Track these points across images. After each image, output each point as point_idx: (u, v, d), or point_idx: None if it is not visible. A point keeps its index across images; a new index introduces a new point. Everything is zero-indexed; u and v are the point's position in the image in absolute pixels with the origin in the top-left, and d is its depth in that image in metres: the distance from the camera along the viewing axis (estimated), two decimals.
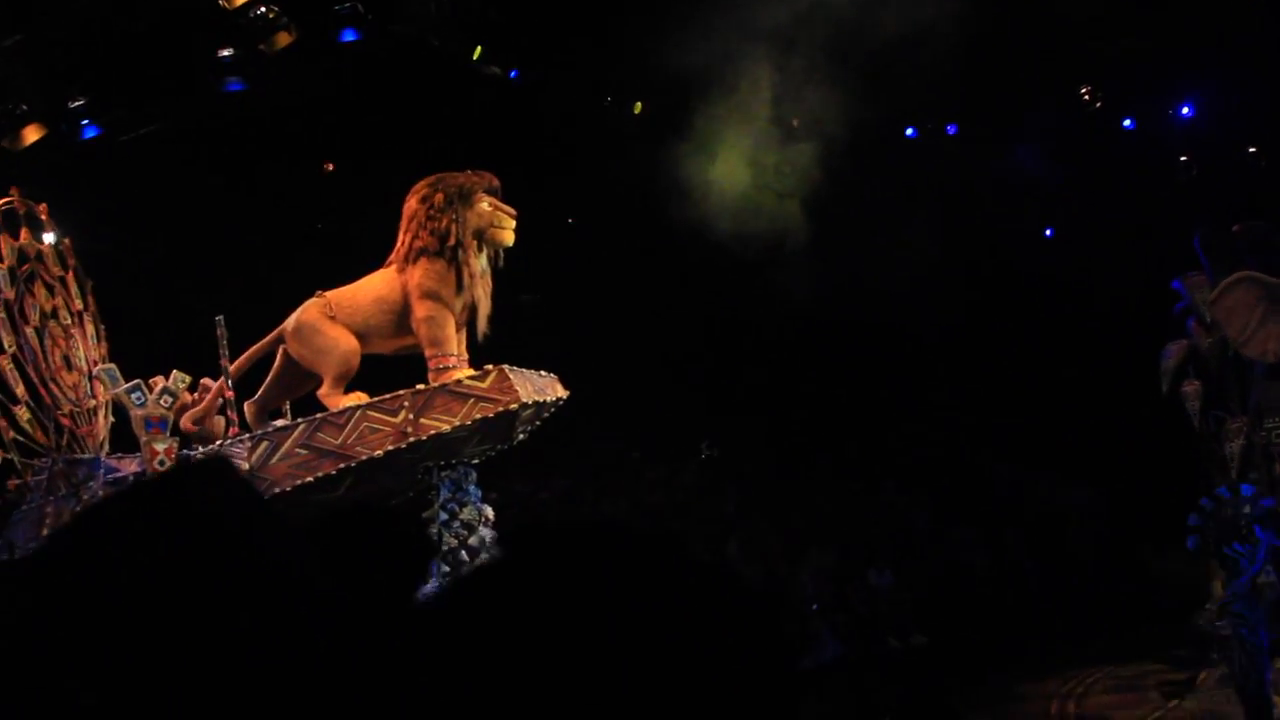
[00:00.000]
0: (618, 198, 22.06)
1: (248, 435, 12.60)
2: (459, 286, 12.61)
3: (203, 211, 20.35)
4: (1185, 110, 25.55)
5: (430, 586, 11.09)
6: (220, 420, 13.20)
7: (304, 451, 12.21)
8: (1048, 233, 28.82)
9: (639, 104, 21.88)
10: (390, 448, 12.16)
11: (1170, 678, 17.11)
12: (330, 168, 22.22)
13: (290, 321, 12.98)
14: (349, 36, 17.65)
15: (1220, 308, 24.76)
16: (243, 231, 20.69)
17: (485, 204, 12.71)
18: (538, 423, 13.11)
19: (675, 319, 25.01)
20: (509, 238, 12.81)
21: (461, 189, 12.69)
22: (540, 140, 20.83)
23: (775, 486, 24.85)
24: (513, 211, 12.85)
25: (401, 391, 12.41)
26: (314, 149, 22.11)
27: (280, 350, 13.15)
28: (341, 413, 12.30)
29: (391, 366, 13.39)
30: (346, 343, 12.65)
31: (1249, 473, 24.45)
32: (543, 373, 12.94)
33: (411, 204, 12.80)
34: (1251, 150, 25.69)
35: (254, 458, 12.24)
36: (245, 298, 15.48)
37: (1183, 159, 25.92)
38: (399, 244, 12.86)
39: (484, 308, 12.76)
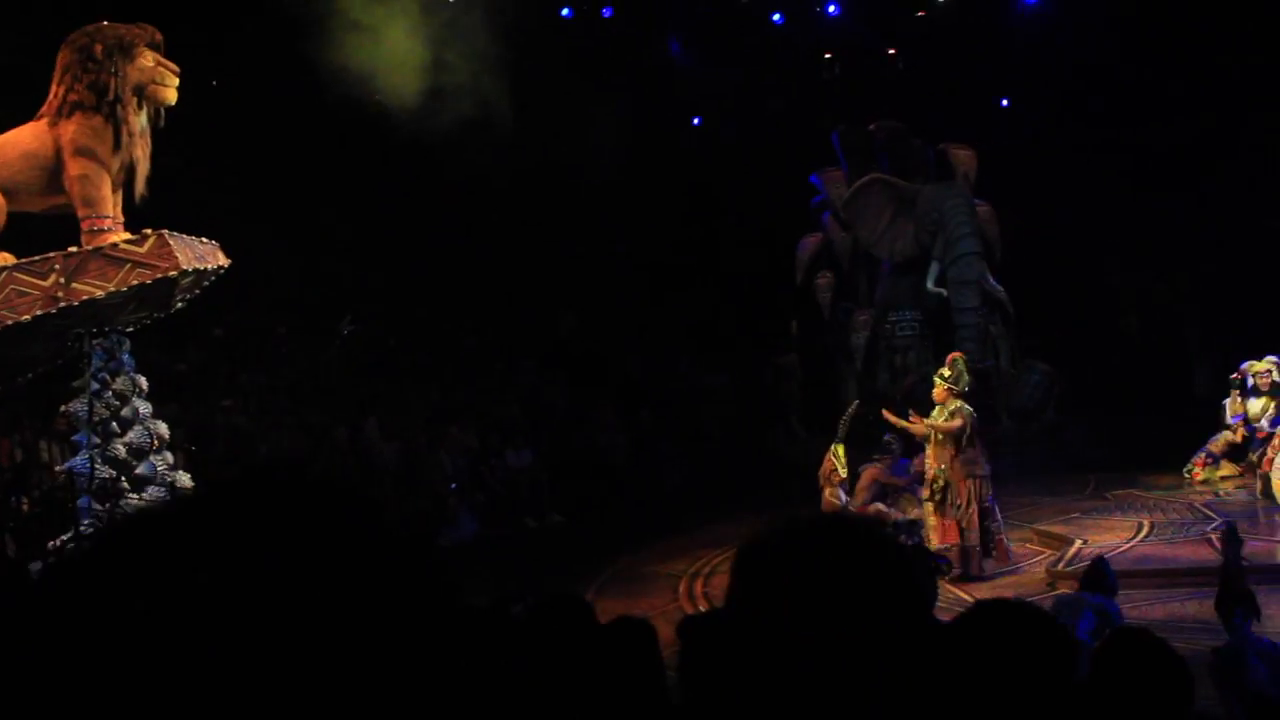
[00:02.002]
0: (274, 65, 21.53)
1: None
2: (116, 144, 12.04)
3: None
4: (831, 8, 26.50)
5: (80, 460, 10.76)
6: None
7: None
8: (695, 121, 29.56)
9: None
10: (39, 312, 11.59)
11: None
12: None
13: None
14: None
15: (853, 208, 26.07)
16: None
17: (148, 59, 12.15)
18: (197, 291, 12.74)
19: (330, 191, 24.70)
20: (171, 96, 12.30)
21: (122, 41, 12.09)
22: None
23: (418, 365, 24.92)
24: (176, 68, 12.30)
25: (52, 253, 11.85)
26: None
27: None
28: None
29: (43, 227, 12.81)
30: None
31: (873, 362, 26.01)
32: (204, 239, 12.53)
33: (67, 54, 12.12)
34: (891, 52, 26.87)
35: None
36: None
37: (827, 56, 26.92)
38: (51, 95, 12.16)
39: (142, 168, 12.24)
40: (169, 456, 12.50)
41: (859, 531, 2.02)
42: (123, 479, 12.09)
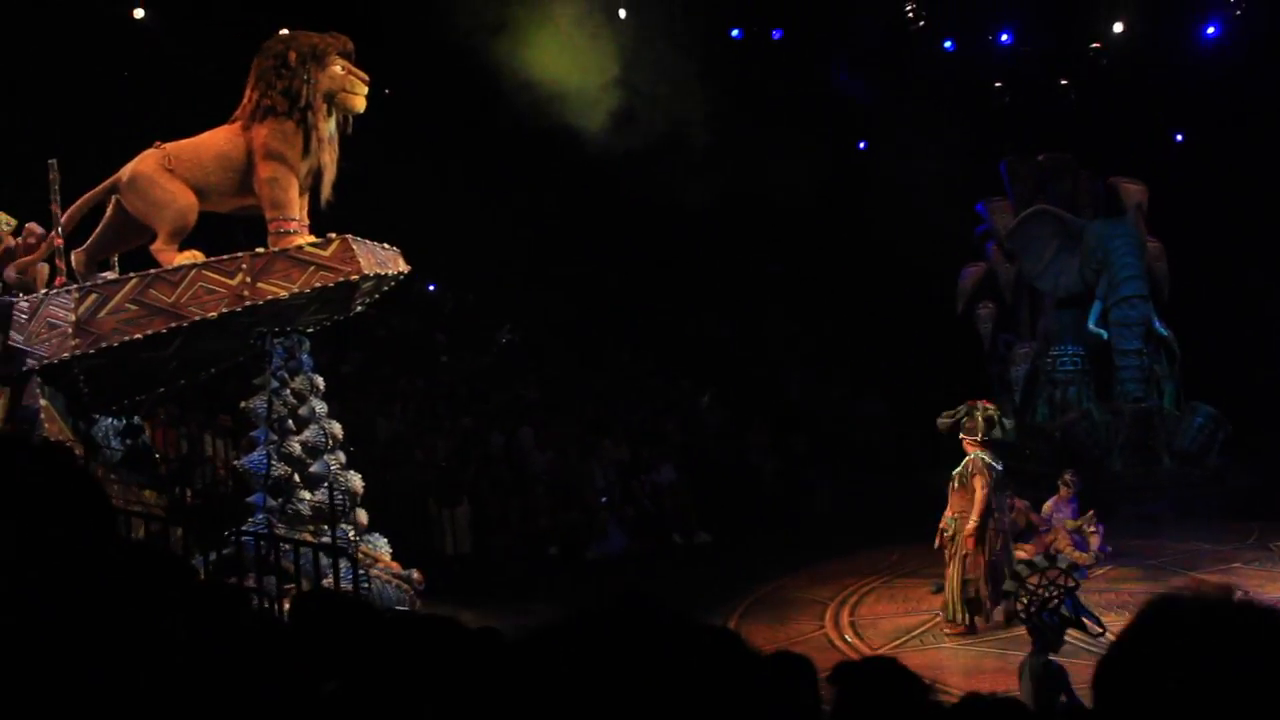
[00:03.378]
0: (446, 77, 22.04)
1: (75, 286, 12.30)
2: (305, 149, 12.42)
3: (40, 49, 19.79)
4: (1004, 37, 26.32)
5: (257, 455, 11.09)
6: (44, 268, 12.86)
7: (134, 307, 11.96)
8: (861, 145, 29.51)
9: None
10: (225, 310, 11.96)
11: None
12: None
13: (126, 171, 12.62)
14: None
15: (1018, 239, 25.85)
16: (80, 73, 20.16)
17: (338, 66, 12.51)
18: (376, 296, 13.08)
19: (499, 205, 25.13)
20: (360, 104, 12.66)
21: (315, 49, 12.47)
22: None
23: (575, 376, 25.21)
24: (366, 77, 12.66)
25: (240, 253, 12.24)
26: None
27: (113, 200, 12.82)
28: (176, 270, 12.07)
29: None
30: (184, 198, 12.39)
31: (1032, 396, 25.75)
32: (385, 245, 12.85)
33: (262, 60, 12.53)
34: (1063, 82, 26.60)
35: (81, 310, 11.98)
36: (80, 142, 15.04)
37: (997, 84, 26.73)
38: (246, 100, 12.59)
39: (329, 174, 12.60)
40: (341, 456, 12.82)
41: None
42: (296, 476, 12.42)
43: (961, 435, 14.51)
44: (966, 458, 14.36)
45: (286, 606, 11.17)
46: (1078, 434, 24.21)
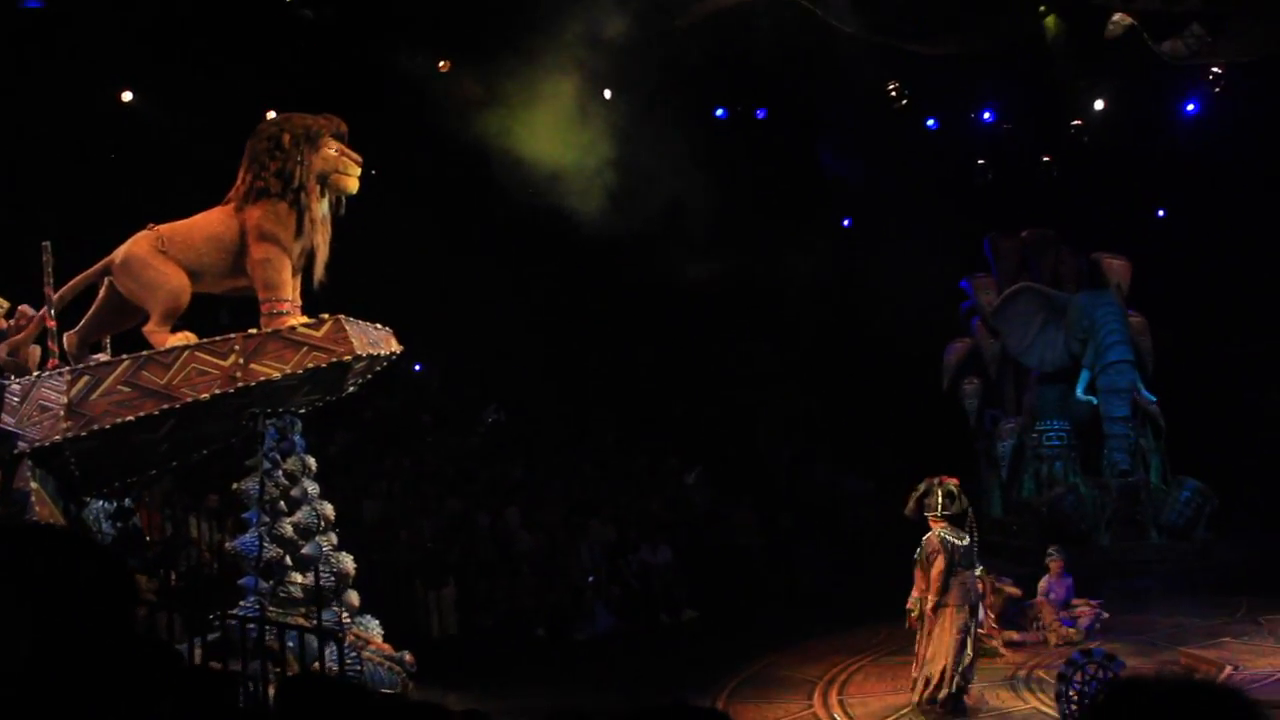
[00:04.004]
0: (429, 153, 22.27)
1: (67, 368, 12.30)
2: (298, 231, 12.51)
3: (31, 133, 19.93)
4: (986, 115, 26.63)
5: (249, 537, 11.09)
6: (35, 350, 12.88)
7: (127, 389, 11.97)
8: (846, 223, 29.78)
9: (444, 62, 21.80)
10: (217, 391, 11.97)
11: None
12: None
13: (119, 253, 12.69)
14: None
15: (1002, 315, 26.08)
16: (71, 157, 20.31)
17: (331, 148, 12.63)
18: (369, 376, 13.13)
19: (485, 284, 25.29)
20: (353, 185, 12.77)
21: (309, 131, 12.59)
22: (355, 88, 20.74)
23: (561, 456, 25.25)
24: (359, 158, 12.79)
25: (232, 334, 12.29)
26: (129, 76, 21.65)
27: (106, 282, 12.86)
28: (169, 352, 12.11)
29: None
30: (176, 279, 12.46)
31: (1019, 471, 25.86)
32: (378, 325, 12.92)
33: (255, 142, 12.66)
34: (1045, 160, 26.89)
35: (73, 392, 11.98)
36: (72, 224, 15.12)
37: (980, 162, 27.02)
38: (239, 182, 12.68)
39: (322, 254, 12.69)
40: (334, 537, 12.84)
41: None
42: (288, 558, 12.43)
43: (925, 513, 14.42)
44: (926, 535, 14.24)
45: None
46: (1064, 509, 24.30)
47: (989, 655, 15.88)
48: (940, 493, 14.17)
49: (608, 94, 22.00)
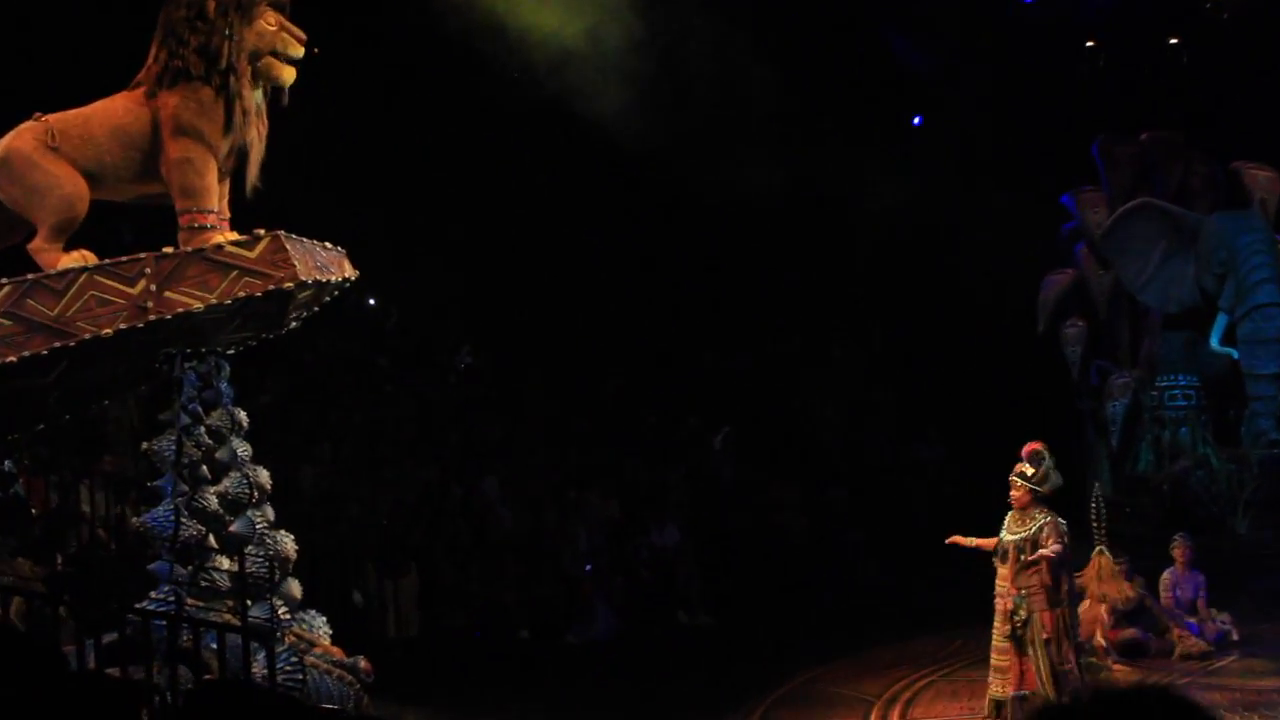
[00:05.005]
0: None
1: None
2: (227, 123, 12.39)
3: None
4: None
5: (162, 510, 11.11)
6: None
7: (7, 322, 11.88)
8: (916, 121, 29.68)
9: None
10: (123, 326, 11.86)
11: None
12: None
13: None
14: None
15: (1115, 240, 25.98)
16: None
17: (270, 21, 12.55)
18: (316, 309, 13.06)
19: (457, 193, 25.26)
20: (290, 74, 12.59)
21: None
22: None
23: (553, 412, 25.28)
24: (302, 35, 12.64)
25: (142, 254, 12.24)
26: None
27: None
28: (61, 275, 12.04)
29: None
30: (71, 183, 12.37)
31: (1133, 439, 25.84)
32: (327, 245, 12.83)
33: (171, 10, 12.57)
34: (1173, 41, 26.78)
35: None
36: None
37: (1089, 45, 26.91)
38: (150, 60, 12.55)
39: (256, 153, 12.57)
40: (269, 512, 12.83)
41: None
42: (212, 537, 12.45)
43: (1021, 486, 14.47)
44: (1039, 518, 14.29)
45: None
46: (1191, 487, 24.37)
47: (1093, 671, 15.96)
48: (1046, 464, 14.30)
49: None
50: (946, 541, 14.61)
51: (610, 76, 19.36)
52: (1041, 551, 13.93)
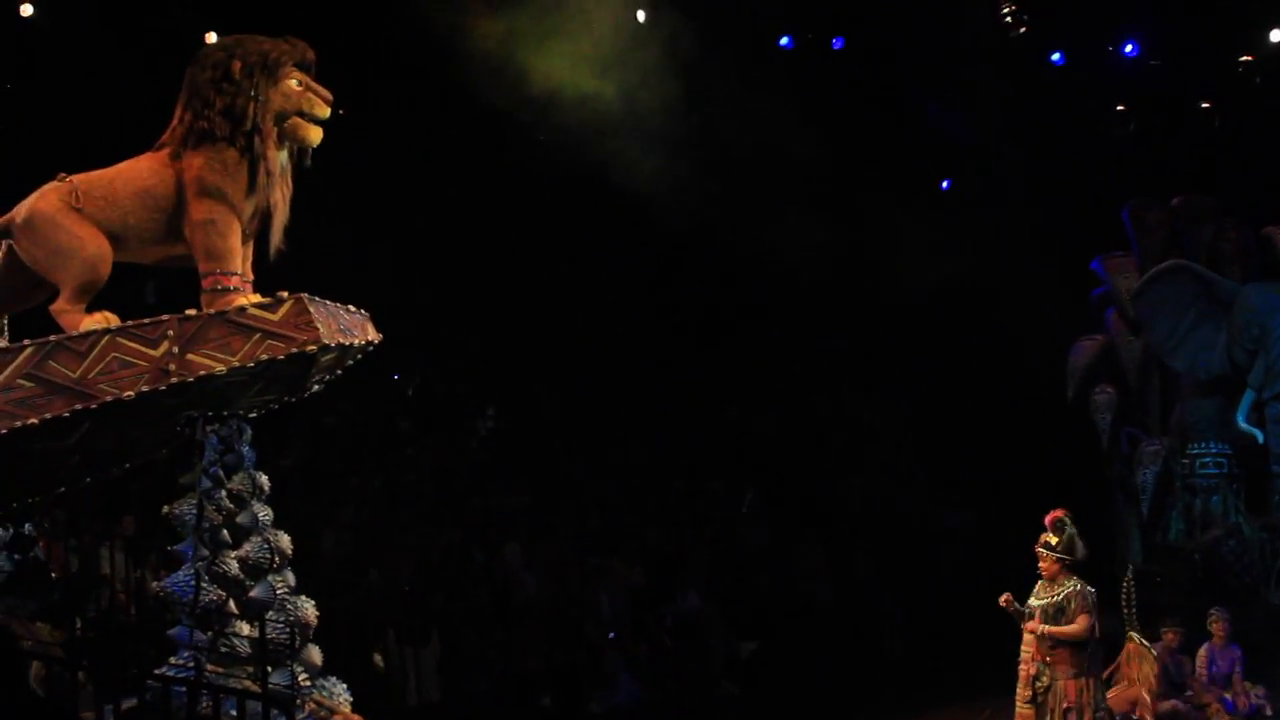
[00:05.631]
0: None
1: None
2: (251, 185, 12.37)
3: None
4: (1128, 48, 26.52)
5: (183, 575, 11.12)
6: None
7: (28, 384, 11.87)
8: (945, 184, 29.72)
9: None
10: (145, 389, 11.79)
11: None
12: None
13: (21, 210, 12.58)
14: None
15: (1146, 304, 25.93)
16: None
17: (294, 82, 12.57)
18: (339, 372, 13.06)
19: (481, 256, 25.35)
20: (317, 134, 12.59)
21: (266, 59, 12.47)
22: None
23: (575, 477, 25.27)
24: (329, 95, 12.65)
25: (165, 316, 12.24)
26: None
27: (3, 246, 12.85)
28: (83, 336, 12.01)
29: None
30: (95, 245, 12.36)
31: (1164, 507, 25.74)
32: (351, 308, 12.83)
33: (197, 72, 12.60)
34: (1204, 106, 26.79)
35: None
36: None
37: (1119, 108, 26.92)
38: (175, 121, 12.55)
39: (280, 215, 12.55)
40: (290, 577, 12.81)
41: None
42: (231, 602, 12.42)
43: (1048, 556, 14.56)
44: (1066, 585, 14.38)
45: None
46: (1223, 556, 24.24)
47: None
48: (1069, 533, 14.37)
49: (641, 15, 22.05)
50: (1000, 601, 14.64)
51: (644, 140, 19.46)
52: (1065, 629, 13.98)
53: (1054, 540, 14.43)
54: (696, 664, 21.52)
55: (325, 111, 12.73)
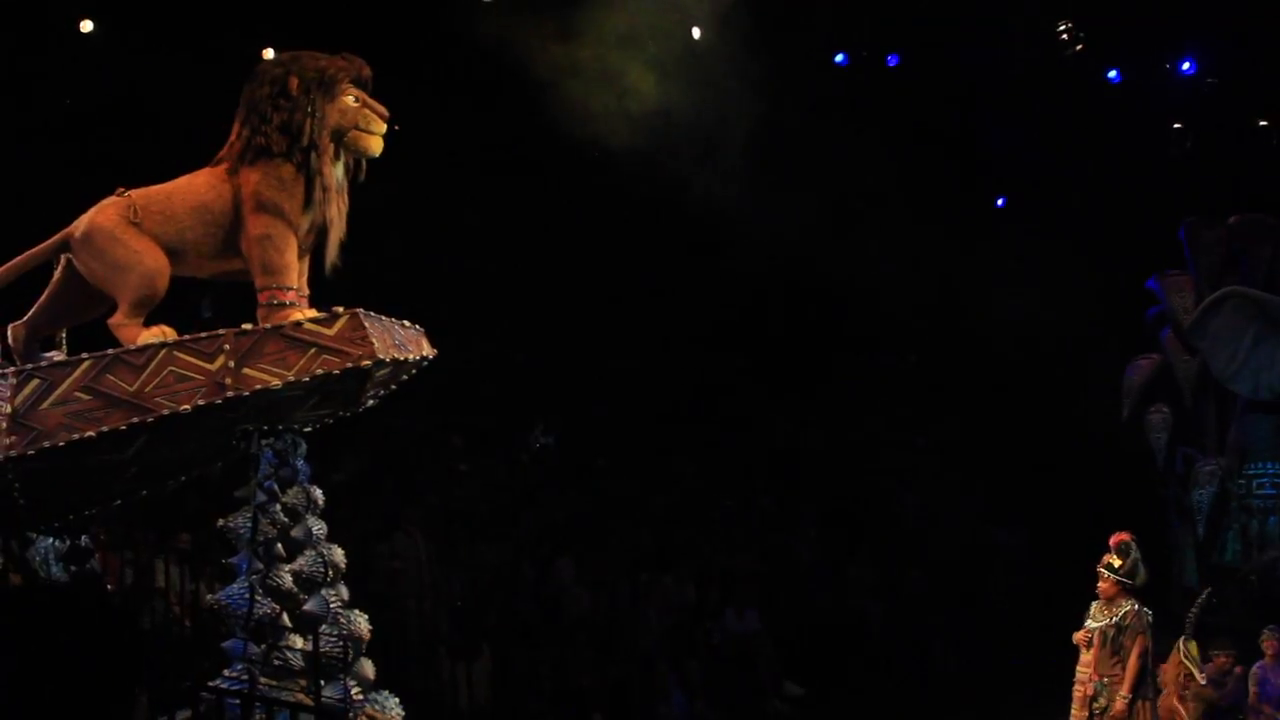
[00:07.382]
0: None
1: (11, 369, 12.33)
2: (307, 200, 12.40)
3: None
4: (1185, 65, 26.45)
5: (237, 588, 11.20)
6: None
7: (87, 397, 11.95)
8: (1000, 202, 29.68)
9: None
10: (201, 402, 11.83)
11: None
12: None
13: (80, 224, 12.66)
14: None
15: (1203, 325, 25.79)
16: (20, 103, 20.60)
17: (350, 98, 12.60)
18: (393, 387, 13.09)
19: (536, 269, 25.43)
20: (377, 145, 12.60)
21: (323, 75, 12.52)
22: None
23: (627, 493, 25.29)
24: (385, 112, 12.69)
25: (222, 330, 12.31)
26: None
27: (62, 261, 12.93)
28: (140, 350, 12.07)
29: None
30: (153, 259, 12.43)
31: (1220, 528, 25.62)
32: (405, 323, 12.86)
33: (255, 88, 12.68)
34: (1263, 124, 26.68)
35: (19, 399, 12.00)
36: (19, 187, 15.33)
37: (1176, 126, 26.84)
38: (233, 137, 12.61)
39: (336, 230, 12.57)
40: (343, 591, 12.84)
41: None
42: (285, 616, 12.48)
43: (1109, 578, 14.65)
44: (1124, 605, 14.46)
45: None
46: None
47: None
48: (1134, 556, 14.46)
49: (696, 32, 22.10)
50: (1075, 639, 14.74)
51: (702, 159, 19.52)
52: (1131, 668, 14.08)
53: (1117, 563, 14.50)
54: (747, 680, 21.50)
55: (381, 128, 12.74)
